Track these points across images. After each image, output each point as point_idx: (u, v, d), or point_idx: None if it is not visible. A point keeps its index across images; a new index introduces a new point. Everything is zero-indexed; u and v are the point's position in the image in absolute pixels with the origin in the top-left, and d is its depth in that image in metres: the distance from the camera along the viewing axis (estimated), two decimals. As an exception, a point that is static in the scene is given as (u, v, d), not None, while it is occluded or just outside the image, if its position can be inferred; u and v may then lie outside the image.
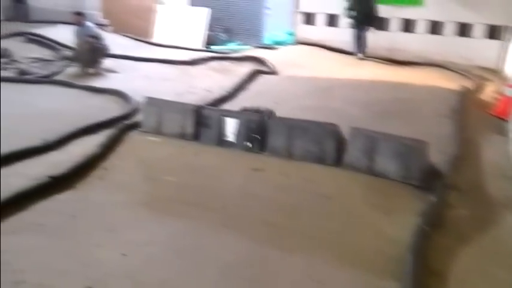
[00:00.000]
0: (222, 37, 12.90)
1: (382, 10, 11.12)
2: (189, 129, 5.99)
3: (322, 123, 5.54)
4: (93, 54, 9.41)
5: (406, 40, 11.61)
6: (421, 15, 11.48)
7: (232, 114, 5.92)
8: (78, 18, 9.58)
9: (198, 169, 5.28)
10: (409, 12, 11.60)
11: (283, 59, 10.88)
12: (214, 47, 12.30)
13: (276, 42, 12.75)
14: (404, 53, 11.40)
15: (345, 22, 11.58)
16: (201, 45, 12.35)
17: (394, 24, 11.77)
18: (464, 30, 11.15)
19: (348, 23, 11.32)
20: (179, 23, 12.83)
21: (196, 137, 5.97)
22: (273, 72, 9.98)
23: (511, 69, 10.04)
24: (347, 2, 11.27)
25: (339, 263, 3.65)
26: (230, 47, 12.44)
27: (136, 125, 6.33)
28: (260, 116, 5.77)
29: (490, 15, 10.76)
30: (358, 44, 11.33)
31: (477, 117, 7.44)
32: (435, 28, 11.42)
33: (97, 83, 8.58)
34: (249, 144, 5.72)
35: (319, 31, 12.50)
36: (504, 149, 6.07)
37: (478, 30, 11.01)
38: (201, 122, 5.98)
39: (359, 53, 11.34)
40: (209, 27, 12.54)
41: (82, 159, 5.13)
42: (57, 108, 7.02)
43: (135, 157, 5.53)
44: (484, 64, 10.66)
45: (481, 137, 6.51)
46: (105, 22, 12.95)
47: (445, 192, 4.70)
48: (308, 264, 3.63)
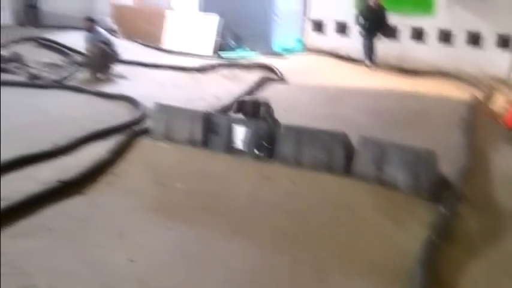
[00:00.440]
0: (232, 44, 12.92)
1: (392, 19, 11.10)
2: (198, 136, 6.00)
3: (332, 132, 5.53)
4: (103, 60, 9.49)
5: (417, 49, 11.55)
6: (432, 24, 11.43)
7: (241, 122, 5.93)
8: (89, 24, 9.68)
9: (207, 176, 5.29)
10: (419, 21, 11.55)
11: (293, 67, 10.89)
12: (224, 54, 12.33)
13: (285, 50, 12.77)
14: (415, 62, 11.34)
15: (355, 30, 11.57)
16: (211, 52, 12.39)
17: (405, 33, 11.73)
18: (475, 39, 11.08)
19: (358, 31, 11.31)
20: (189, 29, 12.88)
21: (205, 143, 5.98)
22: (282, 80, 9.99)
23: (522, 79, 9.97)
24: (357, 10, 11.26)
25: (348, 272, 3.64)
26: (240, 54, 12.47)
27: (146, 131, 6.35)
28: (268, 123, 5.78)
29: (501, 25, 10.70)
30: (368, 52, 11.30)
31: (488, 128, 7.39)
32: (446, 37, 11.35)
33: (107, 88, 8.64)
34: (258, 151, 5.72)
35: (329, 39, 12.50)
36: (515, 160, 6.03)
37: (489, 40, 10.93)
38: (211, 128, 5.99)
39: (369, 62, 11.31)
40: (219, 34, 12.58)
41: (92, 165, 5.16)
42: (67, 113, 7.08)
43: (144, 163, 5.55)
44: (495, 74, 10.57)
45: (491, 148, 6.46)
46: (116, 28, 13.06)
47: (455, 204, 4.66)
48: (318, 272, 3.61)
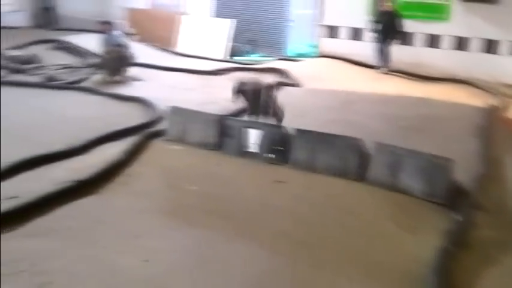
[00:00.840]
0: (246, 48, 12.95)
1: (407, 25, 11.02)
2: (212, 139, 6.02)
3: (346, 137, 5.50)
4: (119, 63, 9.56)
5: (431, 55, 11.45)
6: (447, 30, 11.33)
7: (255, 126, 5.93)
8: (105, 27, 9.78)
9: (220, 179, 5.29)
10: (434, 28, 11.45)
11: (306, 72, 10.85)
12: (237, 58, 12.35)
13: (299, 55, 12.74)
14: (429, 68, 11.23)
15: (369, 36, 11.53)
16: (224, 56, 12.43)
17: (419, 39, 11.65)
18: (490, 46, 10.97)
19: (372, 36, 11.27)
20: (203, 33, 12.94)
21: (219, 146, 5.99)
22: (295, 85, 9.96)
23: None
24: (372, 15, 11.21)
25: (362, 279, 3.60)
26: (253, 58, 12.48)
27: (160, 133, 6.39)
28: (282, 128, 5.77)
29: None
30: (382, 58, 11.24)
31: (503, 135, 7.29)
32: (461, 44, 11.26)
33: (122, 90, 8.70)
34: (271, 155, 5.72)
35: (343, 44, 12.44)
36: (531, 168, 5.94)
37: (505, 46, 10.82)
38: (225, 132, 6.00)
39: (383, 67, 11.25)
40: (233, 38, 12.62)
41: (106, 165, 5.19)
42: (82, 114, 7.14)
43: (158, 165, 5.57)
44: (510, 81, 10.46)
45: (507, 156, 6.37)
46: (131, 31, 13.17)
47: (471, 212, 4.60)
48: (332, 279, 3.59)
